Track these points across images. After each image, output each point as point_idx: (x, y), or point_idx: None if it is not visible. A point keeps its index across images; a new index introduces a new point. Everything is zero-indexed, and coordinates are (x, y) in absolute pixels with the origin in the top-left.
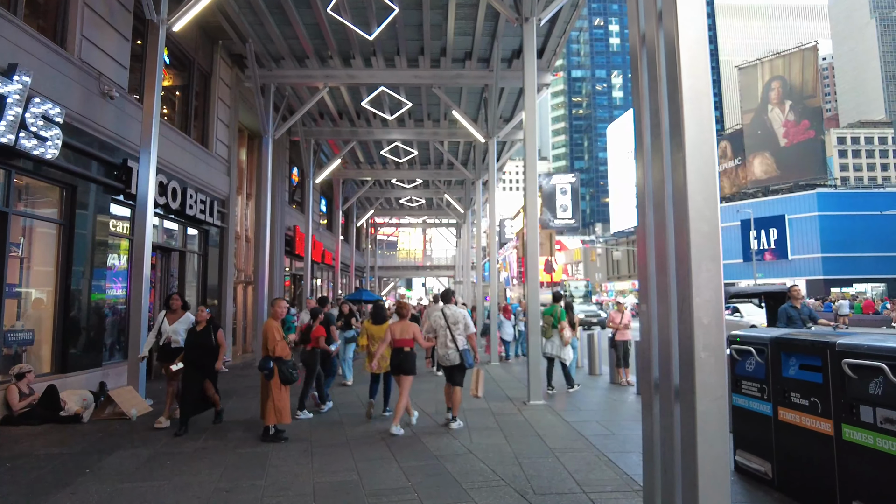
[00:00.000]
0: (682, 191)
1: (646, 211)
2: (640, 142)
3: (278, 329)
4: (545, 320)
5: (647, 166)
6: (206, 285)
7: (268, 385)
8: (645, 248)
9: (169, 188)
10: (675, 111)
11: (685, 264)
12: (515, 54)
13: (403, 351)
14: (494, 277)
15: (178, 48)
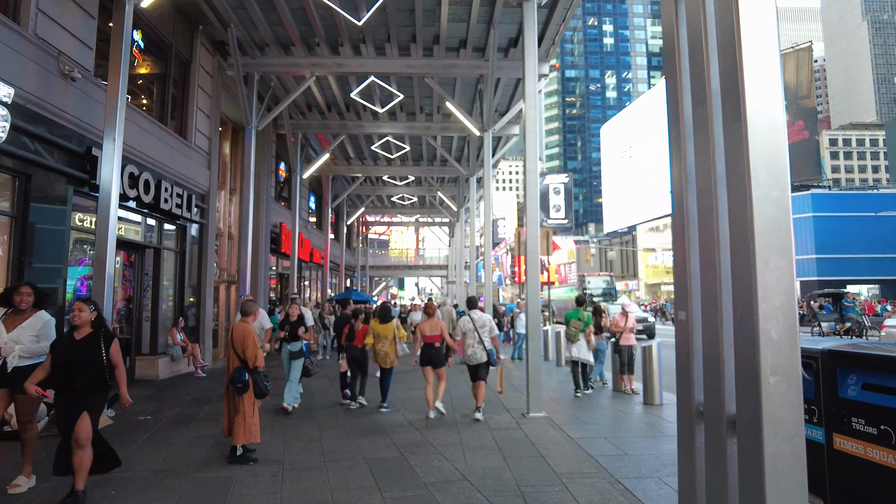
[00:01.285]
0: (740, 168)
1: (685, 196)
2: (675, 115)
3: (256, 335)
4: (574, 325)
5: (685, 142)
6: (184, 284)
7: (238, 400)
8: (684, 242)
9: (141, 180)
10: (731, 70)
11: (745, 261)
12: (513, 42)
13: (434, 346)
14: (489, 277)
15: (155, 32)
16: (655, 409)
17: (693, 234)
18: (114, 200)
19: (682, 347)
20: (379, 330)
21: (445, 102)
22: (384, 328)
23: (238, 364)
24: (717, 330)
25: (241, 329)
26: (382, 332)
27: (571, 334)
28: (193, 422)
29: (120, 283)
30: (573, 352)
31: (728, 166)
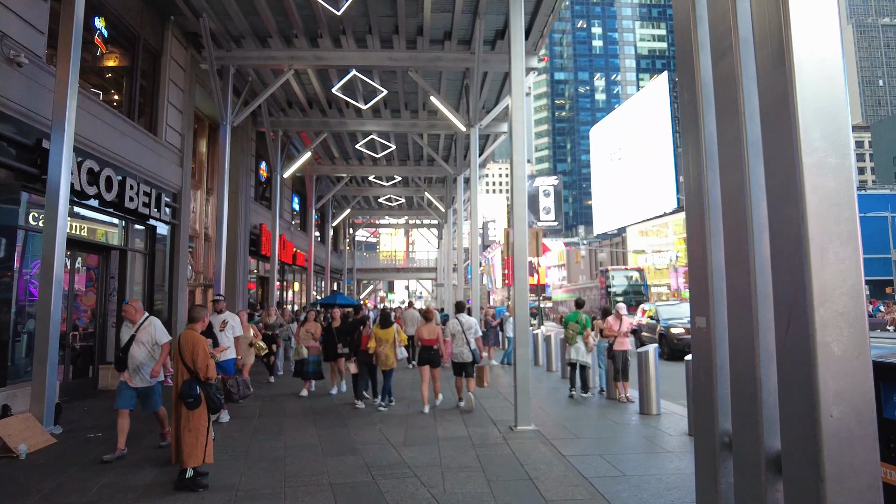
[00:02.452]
0: (784, 130)
1: (703, 172)
2: (689, 75)
3: (206, 344)
4: (571, 327)
5: (702, 106)
6: (153, 288)
7: (188, 416)
8: (703, 230)
9: (102, 176)
10: (768, 4)
11: (793, 251)
12: (500, 34)
13: (432, 349)
14: (477, 280)
15: (120, 21)
16: (653, 420)
17: (714, 218)
18: (63, 196)
19: (702, 362)
20: (380, 334)
21: (431, 97)
22: (385, 332)
23: (188, 376)
24: (751, 341)
25: (190, 337)
26: (384, 336)
27: (569, 337)
28: (147, 438)
29: (84, 286)
30: (571, 354)
31: (765, 128)
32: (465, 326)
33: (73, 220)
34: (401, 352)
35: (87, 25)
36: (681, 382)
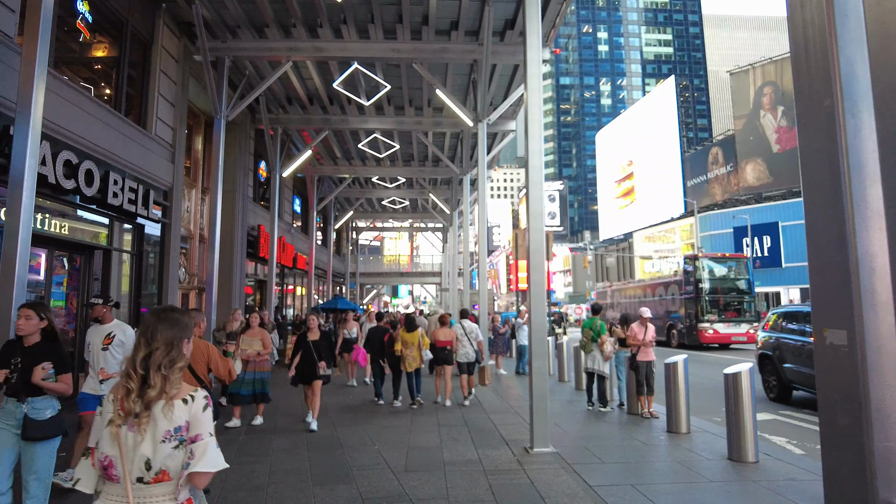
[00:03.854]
0: None
1: (838, 110)
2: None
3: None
4: (585, 334)
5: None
6: (140, 291)
7: None
8: (842, 213)
9: (81, 170)
10: None
11: None
12: (509, 24)
13: (446, 350)
14: (484, 284)
15: (106, 4)
16: (684, 440)
17: (859, 191)
18: (27, 187)
19: (839, 395)
20: (406, 337)
21: (436, 93)
22: (411, 336)
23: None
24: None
25: (200, 344)
26: (410, 339)
27: (584, 344)
28: None
29: (64, 288)
30: (587, 363)
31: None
32: (467, 331)
33: (53, 216)
34: (426, 354)
35: (69, 9)
36: (705, 394)
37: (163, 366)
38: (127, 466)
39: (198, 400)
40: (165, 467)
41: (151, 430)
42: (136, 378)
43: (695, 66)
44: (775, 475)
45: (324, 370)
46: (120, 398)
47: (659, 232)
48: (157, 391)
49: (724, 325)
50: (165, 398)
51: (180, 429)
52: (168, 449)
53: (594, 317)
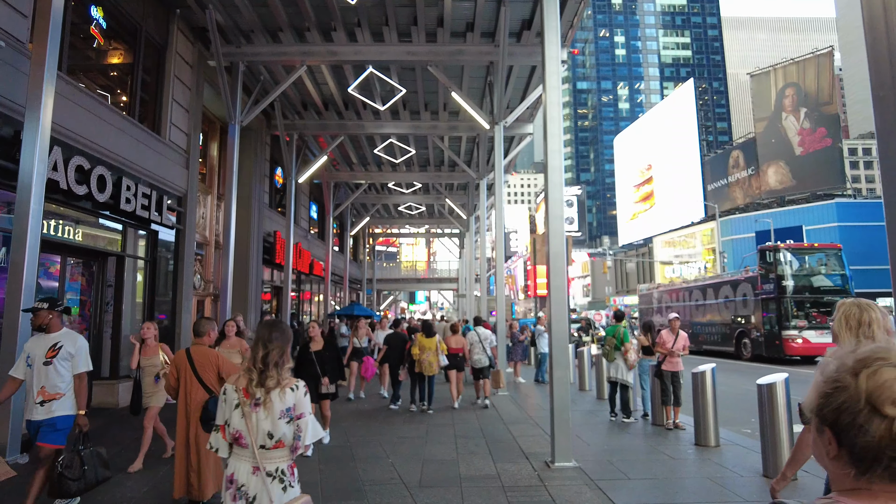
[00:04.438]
0: None
1: None
2: None
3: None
4: (608, 342)
5: None
6: (154, 298)
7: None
8: None
9: (93, 175)
10: None
11: None
12: (526, 25)
13: (458, 356)
14: (501, 290)
15: (120, 10)
16: (713, 454)
17: None
18: (36, 191)
19: None
20: (424, 343)
21: (452, 95)
22: (429, 342)
23: (207, 395)
24: None
25: (209, 353)
26: (428, 345)
27: (606, 353)
28: (130, 470)
29: (77, 295)
30: (611, 372)
31: None
32: (482, 337)
33: (66, 223)
34: (443, 359)
35: (83, 15)
36: (731, 404)
37: (278, 363)
38: (253, 437)
39: (300, 388)
40: (282, 437)
41: (270, 410)
42: (257, 371)
43: (713, 68)
44: (818, 494)
45: (327, 387)
46: (243, 388)
47: (679, 237)
48: (274, 381)
49: (817, 332)
50: (279, 386)
51: (290, 409)
52: (283, 424)
53: (617, 323)
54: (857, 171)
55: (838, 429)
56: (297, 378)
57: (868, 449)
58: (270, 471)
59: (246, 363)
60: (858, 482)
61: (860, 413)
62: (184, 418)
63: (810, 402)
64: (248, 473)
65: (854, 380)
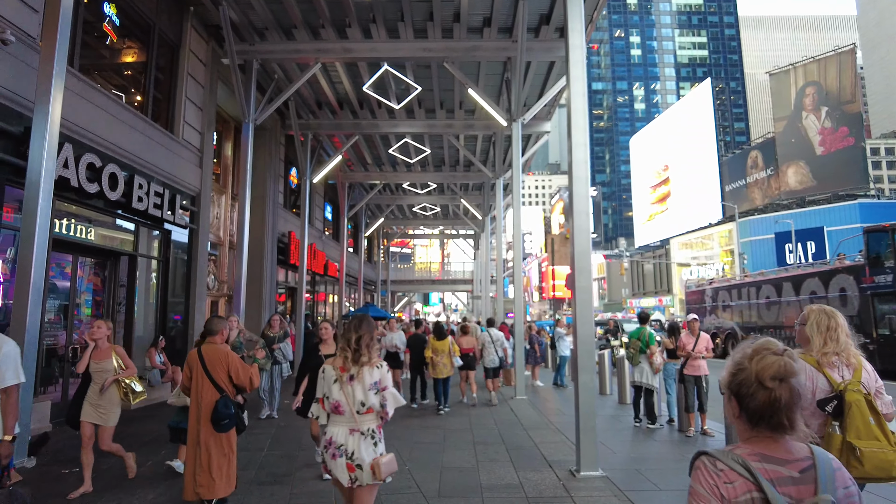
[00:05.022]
0: None
1: None
2: None
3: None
4: (633, 345)
5: None
6: (168, 298)
7: (218, 441)
8: None
9: (105, 173)
10: None
11: None
12: (544, 20)
13: (469, 355)
14: (519, 291)
15: (132, 7)
16: None
17: None
18: (44, 187)
19: None
20: (437, 345)
21: (468, 92)
22: (441, 344)
23: (218, 395)
24: None
25: (220, 351)
26: (440, 347)
27: (631, 356)
28: (140, 476)
29: (90, 294)
30: (635, 376)
31: None
32: (493, 338)
33: (78, 222)
34: (456, 360)
35: (96, 12)
36: None
37: (368, 345)
38: (350, 404)
39: (383, 366)
40: (371, 405)
41: (362, 382)
42: (351, 352)
43: (731, 68)
44: None
45: None
46: (339, 366)
47: (696, 238)
48: (367, 359)
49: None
50: (370, 363)
51: (377, 382)
52: (371, 394)
53: (642, 326)
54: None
55: (739, 397)
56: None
57: (757, 410)
58: (363, 430)
59: (340, 346)
60: (751, 433)
61: (752, 386)
62: (195, 418)
63: (724, 380)
64: (346, 434)
65: (749, 363)
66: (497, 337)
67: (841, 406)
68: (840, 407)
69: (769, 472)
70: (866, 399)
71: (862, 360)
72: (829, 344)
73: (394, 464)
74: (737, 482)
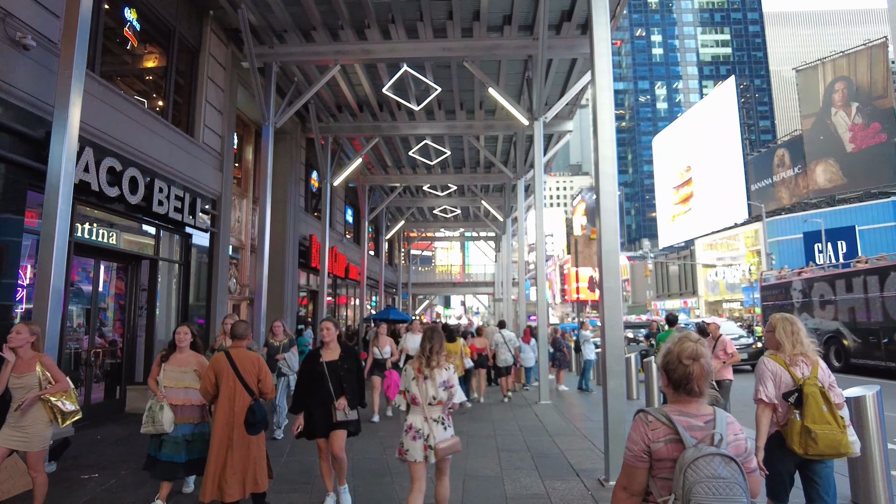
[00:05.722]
0: None
1: None
2: None
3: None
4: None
5: None
6: (188, 301)
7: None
8: None
9: (125, 177)
10: None
11: None
12: (566, 16)
13: (482, 354)
14: (542, 294)
15: (153, 11)
16: None
17: None
18: (63, 191)
19: None
20: (448, 347)
21: (489, 91)
22: (452, 346)
23: (251, 399)
24: None
25: (251, 355)
26: (452, 348)
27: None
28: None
29: (113, 299)
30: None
31: None
32: (506, 339)
33: (100, 226)
34: (467, 362)
35: (116, 17)
36: None
37: (438, 352)
38: (423, 398)
39: (451, 368)
40: (440, 398)
41: (433, 381)
42: (425, 357)
43: (755, 65)
44: None
45: (345, 411)
46: (416, 367)
47: (721, 239)
48: (436, 363)
49: None
50: (439, 366)
51: (445, 381)
52: (440, 390)
53: (670, 329)
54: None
55: (667, 371)
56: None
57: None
58: (434, 418)
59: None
60: (675, 397)
61: (674, 363)
62: (226, 422)
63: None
64: (422, 421)
65: (674, 347)
66: (509, 337)
67: (801, 397)
68: (800, 398)
69: (683, 421)
70: (821, 391)
71: (818, 358)
72: (796, 346)
73: (457, 446)
74: (659, 428)
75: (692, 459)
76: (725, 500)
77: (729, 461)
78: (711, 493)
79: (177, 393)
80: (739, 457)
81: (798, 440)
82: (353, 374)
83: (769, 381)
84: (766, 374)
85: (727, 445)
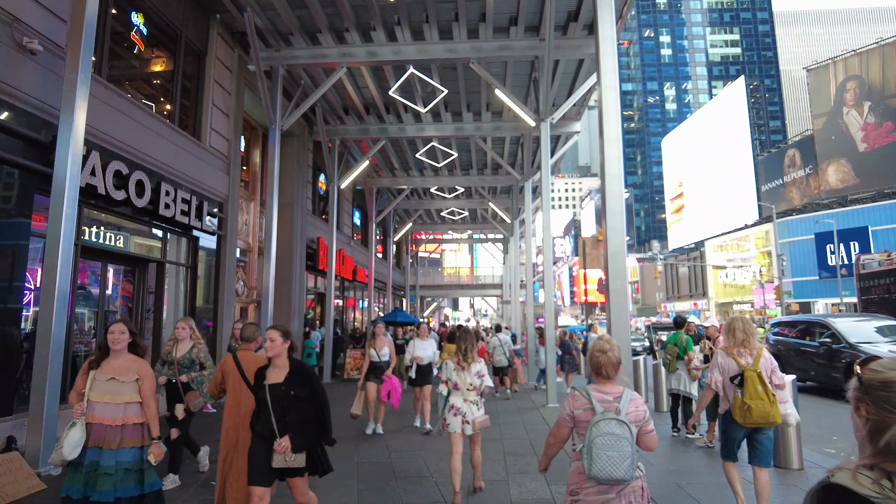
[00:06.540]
0: None
1: None
2: None
3: None
4: (669, 351)
5: None
6: (195, 305)
7: None
8: None
9: (131, 180)
10: None
11: None
12: (572, 17)
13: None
14: (549, 296)
15: (159, 15)
16: (798, 479)
17: None
18: (69, 194)
19: None
20: (451, 348)
21: (495, 91)
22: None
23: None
24: None
25: (257, 359)
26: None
27: (667, 363)
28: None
29: (120, 301)
30: (672, 383)
31: None
32: (502, 342)
33: (108, 229)
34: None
35: (123, 21)
36: (810, 422)
37: (471, 350)
38: (462, 384)
39: (482, 362)
40: (475, 385)
41: (469, 372)
42: (461, 353)
43: (765, 65)
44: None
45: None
46: (456, 361)
47: (731, 240)
48: (470, 358)
49: None
50: (473, 361)
51: (478, 372)
52: (476, 378)
53: (678, 331)
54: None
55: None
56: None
57: (594, 367)
58: (471, 400)
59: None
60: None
61: (594, 356)
62: (234, 424)
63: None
64: (462, 402)
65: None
66: (504, 340)
67: (742, 380)
68: (742, 380)
69: (598, 396)
70: (758, 375)
71: (763, 350)
72: (733, 341)
73: (487, 421)
74: (580, 400)
75: (596, 421)
76: (613, 449)
77: (622, 424)
78: (605, 444)
79: (113, 410)
80: (638, 423)
81: (739, 413)
82: (301, 404)
83: (716, 371)
84: (715, 365)
85: (627, 414)
